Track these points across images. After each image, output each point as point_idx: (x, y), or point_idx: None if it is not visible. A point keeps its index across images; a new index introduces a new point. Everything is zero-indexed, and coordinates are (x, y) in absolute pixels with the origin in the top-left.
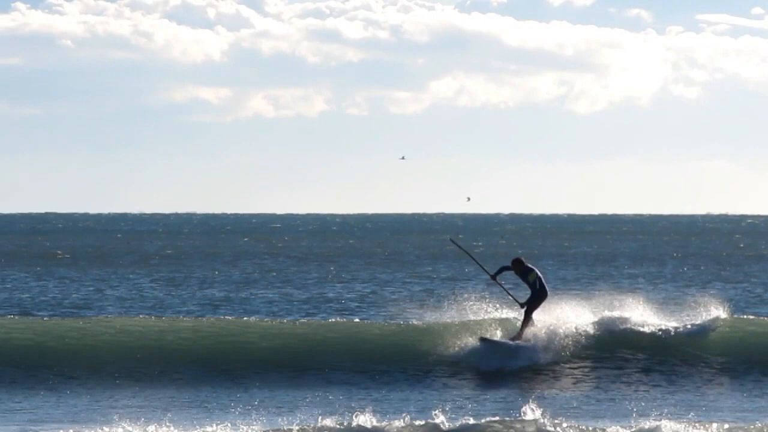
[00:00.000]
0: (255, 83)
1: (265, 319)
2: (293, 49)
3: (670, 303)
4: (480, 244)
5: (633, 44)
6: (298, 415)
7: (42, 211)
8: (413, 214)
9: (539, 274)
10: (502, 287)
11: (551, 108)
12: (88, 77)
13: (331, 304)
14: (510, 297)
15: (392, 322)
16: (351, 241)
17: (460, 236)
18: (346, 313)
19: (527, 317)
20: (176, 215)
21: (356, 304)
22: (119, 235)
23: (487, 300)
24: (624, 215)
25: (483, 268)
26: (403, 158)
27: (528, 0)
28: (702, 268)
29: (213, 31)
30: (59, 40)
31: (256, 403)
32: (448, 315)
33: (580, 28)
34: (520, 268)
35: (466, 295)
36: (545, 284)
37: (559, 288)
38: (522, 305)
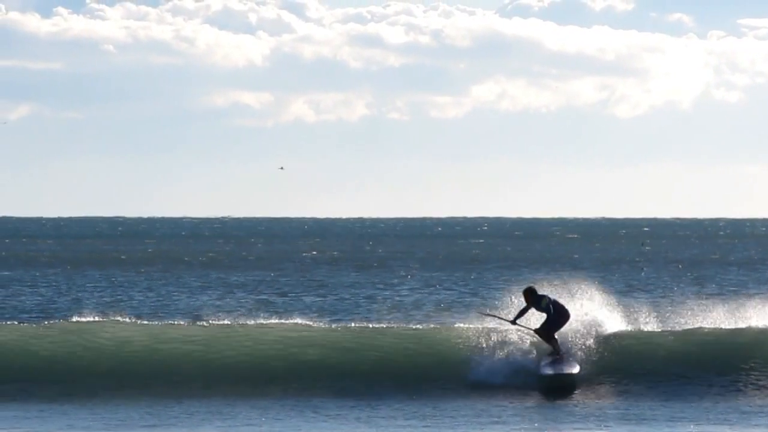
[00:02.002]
0: (296, 88)
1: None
2: (334, 53)
3: None
4: (537, 249)
5: (674, 49)
6: None
7: (84, 215)
8: (452, 218)
9: (551, 298)
10: (519, 325)
11: (592, 112)
12: (130, 82)
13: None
14: (524, 329)
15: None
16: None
17: (517, 232)
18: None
19: (551, 339)
20: (231, 219)
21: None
22: (183, 233)
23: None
24: (670, 219)
25: (503, 319)
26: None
27: (569, 5)
28: None
29: (254, 36)
30: (101, 45)
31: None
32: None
33: (621, 32)
34: (532, 297)
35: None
36: (563, 305)
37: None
38: (536, 331)
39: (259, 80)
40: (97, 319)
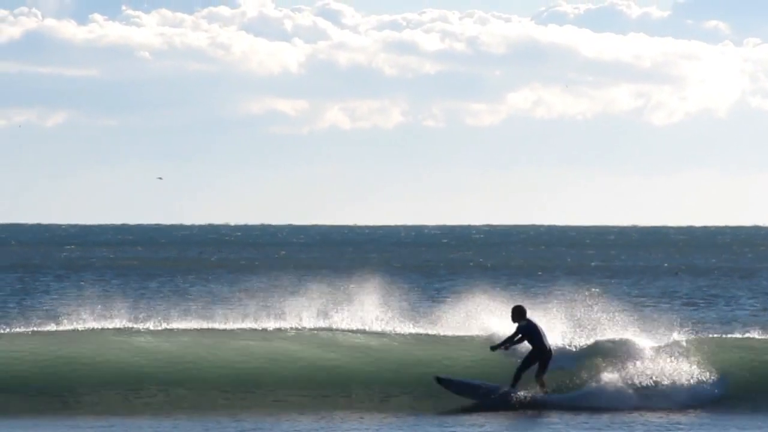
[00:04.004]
0: (331, 95)
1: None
2: (370, 61)
3: None
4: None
5: (710, 56)
6: None
7: (120, 222)
8: (489, 226)
9: (530, 326)
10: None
11: (628, 120)
12: (165, 89)
13: None
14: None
15: None
16: (469, 253)
17: (542, 247)
18: None
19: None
20: (270, 226)
21: None
22: (226, 239)
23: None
24: (707, 227)
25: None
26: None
27: (605, 12)
28: None
29: (290, 43)
30: (137, 52)
31: None
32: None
33: (657, 39)
34: (515, 317)
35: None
36: (540, 338)
37: None
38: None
39: (294, 87)
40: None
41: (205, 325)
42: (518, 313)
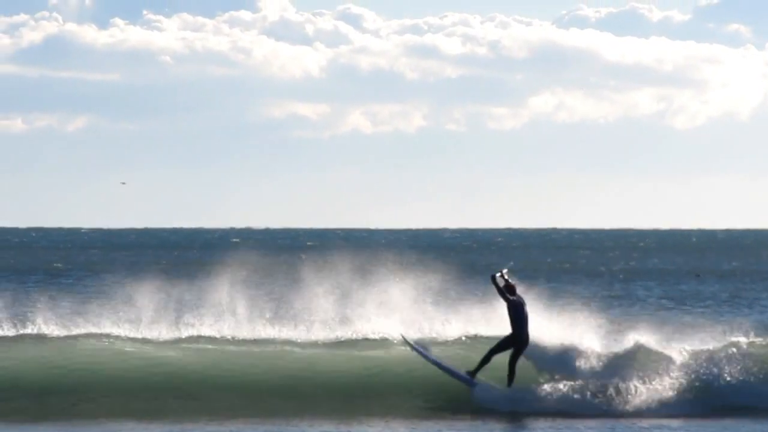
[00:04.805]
0: (353, 99)
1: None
2: (391, 65)
3: None
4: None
5: (732, 59)
6: None
7: (142, 226)
8: (511, 229)
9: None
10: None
11: (650, 123)
12: (186, 93)
13: None
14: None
15: None
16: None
17: (585, 252)
18: None
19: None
20: (292, 230)
21: None
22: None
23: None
24: (730, 230)
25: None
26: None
27: (626, 15)
28: None
29: (311, 48)
30: (158, 56)
31: None
32: None
33: (678, 43)
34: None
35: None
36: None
37: None
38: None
39: (315, 91)
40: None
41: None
42: (510, 290)
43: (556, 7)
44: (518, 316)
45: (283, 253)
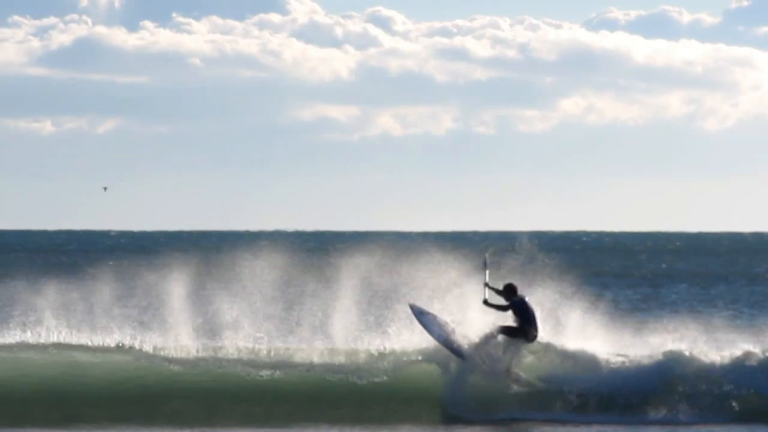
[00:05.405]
0: (383, 102)
1: None
2: (421, 67)
3: None
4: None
5: (763, 61)
6: None
7: (171, 229)
8: (541, 232)
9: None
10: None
11: (680, 126)
12: (215, 96)
13: None
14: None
15: None
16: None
17: (643, 257)
18: None
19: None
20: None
21: None
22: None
23: None
24: (760, 233)
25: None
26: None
27: (656, 18)
28: None
29: (341, 50)
30: (187, 59)
31: None
32: None
33: (708, 45)
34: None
35: None
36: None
37: None
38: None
39: (345, 94)
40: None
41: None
42: (510, 290)
43: (585, 9)
44: (525, 313)
45: (332, 256)
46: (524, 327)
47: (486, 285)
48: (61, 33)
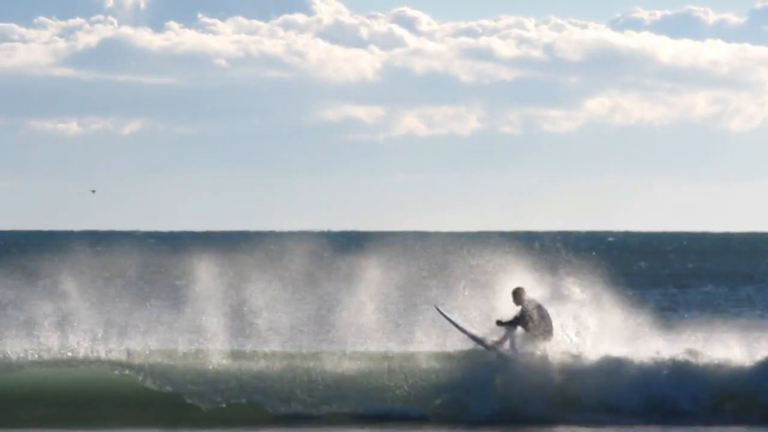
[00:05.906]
0: (408, 102)
1: None
2: (446, 67)
3: None
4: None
5: None
6: None
7: (198, 229)
8: (564, 232)
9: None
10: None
11: (706, 126)
12: (241, 96)
13: None
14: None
15: None
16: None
17: (670, 257)
18: None
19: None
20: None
21: None
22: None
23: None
24: None
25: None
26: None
27: (681, 18)
28: None
29: (366, 50)
30: (213, 60)
31: None
32: None
33: (734, 45)
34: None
35: None
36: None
37: None
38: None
39: (370, 94)
40: None
41: None
42: (518, 295)
43: (611, 9)
44: (541, 313)
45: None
46: (538, 328)
47: (498, 322)
48: (87, 34)
